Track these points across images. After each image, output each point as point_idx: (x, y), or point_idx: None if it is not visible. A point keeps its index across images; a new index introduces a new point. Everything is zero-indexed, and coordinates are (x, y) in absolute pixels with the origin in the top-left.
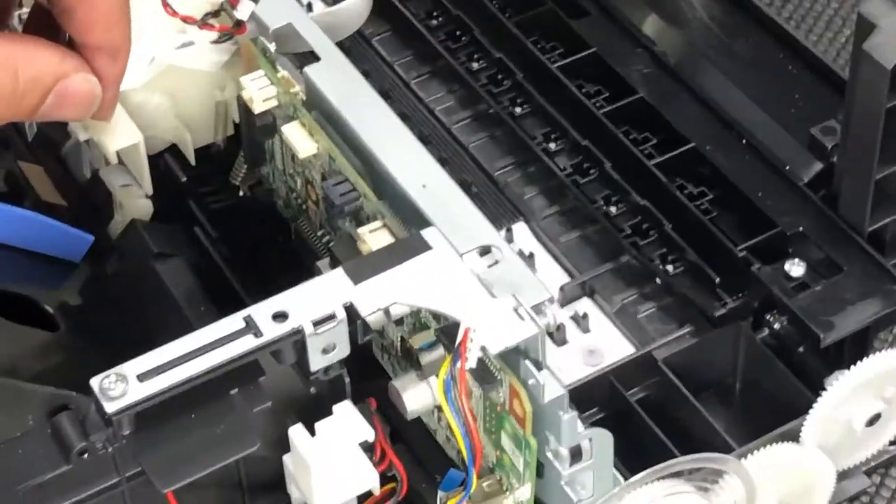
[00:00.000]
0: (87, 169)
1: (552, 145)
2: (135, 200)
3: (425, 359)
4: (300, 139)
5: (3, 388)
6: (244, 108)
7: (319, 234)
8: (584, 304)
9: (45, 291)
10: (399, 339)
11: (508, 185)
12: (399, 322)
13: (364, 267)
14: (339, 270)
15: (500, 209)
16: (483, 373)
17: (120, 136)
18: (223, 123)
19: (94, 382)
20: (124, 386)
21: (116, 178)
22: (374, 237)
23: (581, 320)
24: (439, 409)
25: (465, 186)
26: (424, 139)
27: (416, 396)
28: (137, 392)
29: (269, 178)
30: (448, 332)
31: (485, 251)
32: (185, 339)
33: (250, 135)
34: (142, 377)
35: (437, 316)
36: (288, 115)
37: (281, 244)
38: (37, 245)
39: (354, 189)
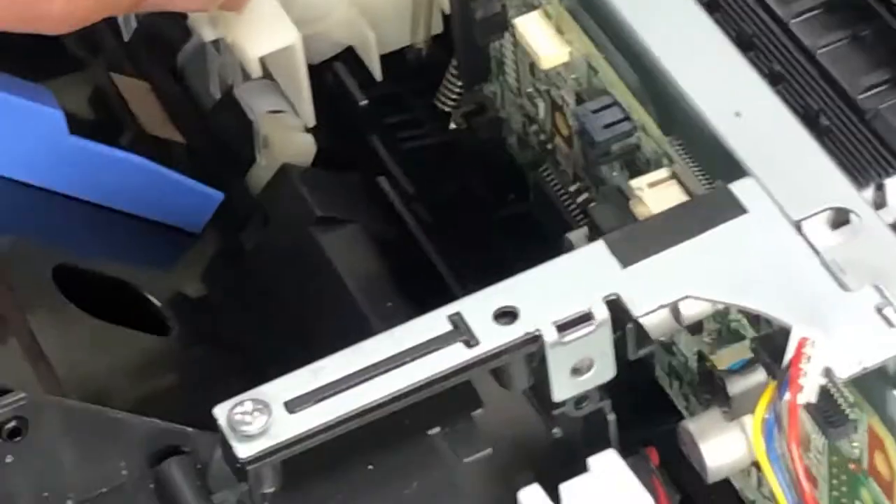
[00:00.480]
0: (215, 86)
1: None
2: (288, 135)
3: (736, 387)
4: (543, 39)
5: (87, 419)
6: None
7: (573, 189)
8: None
9: (152, 276)
10: (696, 355)
11: (880, 116)
12: (696, 329)
13: (639, 239)
14: (600, 245)
15: (863, 153)
16: (827, 410)
17: (266, 35)
18: (426, 17)
19: (221, 413)
20: (266, 419)
21: (260, 99)
22: (656, 193)
23: None
24: (757, 466)
25: (808, 116)
26: (744, 41)
27: (722, 447)
28: (286, 429)
29: (495, 102)
30: (771, 345)
31: (836, 219)
32: (361, 347)
33: (467, 33)
34: (293, 406)
35: (755, 319)
36: (524, 0)
37: (512, 204)
38: (139, 206)
39: (628, 118)
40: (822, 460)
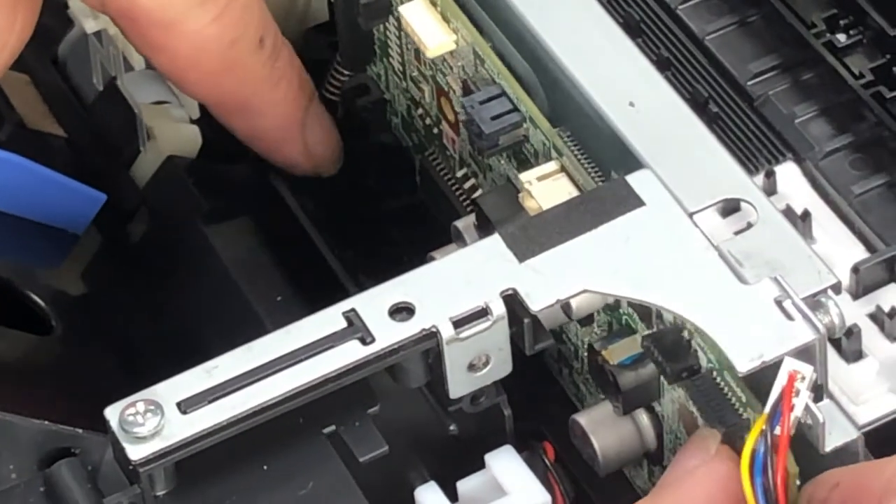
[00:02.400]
0: (97, 78)
1: (841, 36)
2: (173, 126)
3: (627, 382)
4: (429, 27)
5: None
6: None
7: (460, 174)
8: (893, 295)
9: (33, 273)
10: (586, 347)
11: (769, 102)
12: (587, 321)
13: (536, 233)
14: (496, 239)
15: (753, 140)
16: (721, 409)
17: None
18: (305, 4)
19: (112, 414)
20: (158, 420)
21: (144, 90)
22: (544, 187)
23: (887, 321)
24: (649, 457)
25: (697, 103)
26: (632, 27)
27: (614, 440)
28: (179, 429)
29: (379, 83)
30: (662, 343)
31: (730, 208)
32: (254, 345)
33: (351, 18)
34: (186, 406)
35: (646, 315)
36: None
37: (403, 195)
38: (20, 207)
39: (516, 109)
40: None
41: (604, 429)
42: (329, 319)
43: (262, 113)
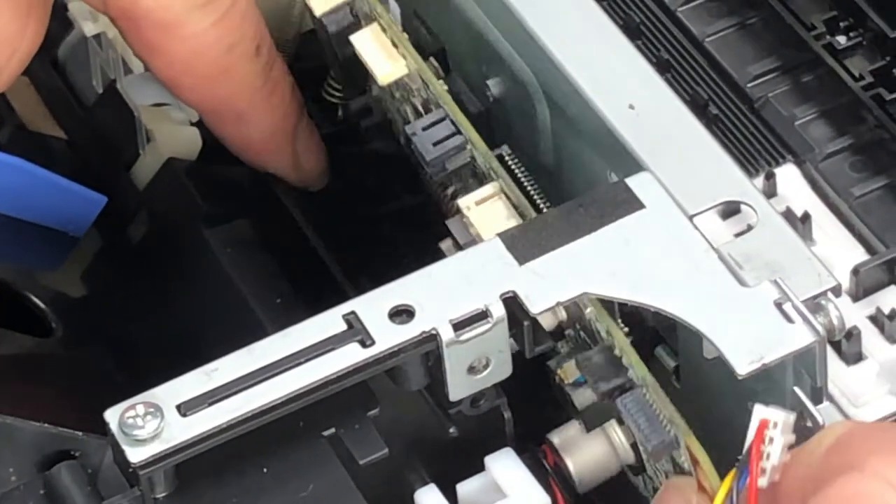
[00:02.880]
0: (97, 80)
1: (841, 38)
2: (173, 128)
3: (582, 400)
4: (377, 55)
5: None
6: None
7: (450, 192)
8: (892, 297)
9: (33, 275)
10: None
11: (769, 104)
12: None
13: (536, 236)
14: (496, 242)
15: (753, 142)
16: (649, 426)
17: None
18: (302, 8)
19: (112, 417)
20: (158, 422)
21: (144, 93)
22: (482, 211)
23: (887, 322)
24: (632, 469)
25: (697, 105)
26: (631, 29)
27: (587, 457)
28: (179, 432)
29: (382, 105)
30: (595, 360)
31: (730, 211)
32: (254, 347)
33: (331, 46)
34: (185, 409)
35: (590, 332)
36: (365, 12)
37: (402, 197)
38: (20, 210)
39: (458, 132)
40: (670, 467)
41: (576, 447)
42: (329, 322)
43: (255, 122)
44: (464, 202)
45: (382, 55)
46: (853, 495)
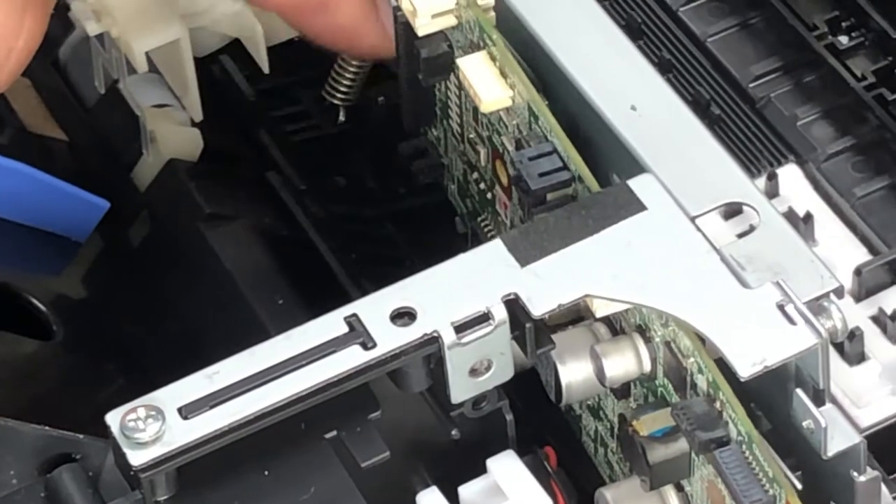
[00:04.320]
0: (99, 81)
1: (843, 38)
2: (175, 129)
3: (657, 455)
4: (486, 81)
5: None
6: (402, 25)
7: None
8: (895, 298)
9: (35, 280)
10: (618, 419)
11: (771, 104)
12: (622, 394)
13: (538, 238)
14: (497, 244)
15: (755, 142)
16: (740, 477)
17: (152, 29)
18: None
19: (113, 419)
20: (159, 425)
21: (146, 94)
22: None
23: (889, 323)
24: None
25: (699, 105)
26: (633, 30)
27: None
28: (180, 435)
29: (438, 148)
30: (691, 412)
31: (732, 212)
32: (256, 350)
33: (412, 73)
34: (186, 411)
35: (680, 385)
36: (471, 40)
37: (403, 198)
38: (22, 215)
39: (566, 167)
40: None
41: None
42: (330, 324)
43: (338, 6)
44: None
45: (491, 81)
46: None
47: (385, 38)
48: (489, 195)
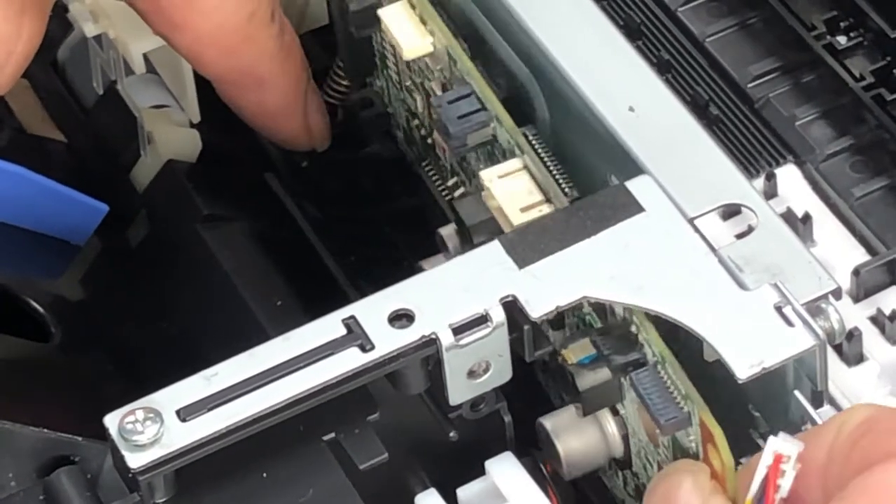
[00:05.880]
0: (97, 82)
1: (841, 38)
2: (173, 130)
3: (586, 382)
4: (406, 30)
5: None
6: None
7: (450, 183)
8: (893, 298)
9: (33, 282)
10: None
11: (769, 105)
12: (558, 325)
13: (536, 239)
14: (495, 245)
15: (753, 142)
16: (661, 402)
17: (149, 30)
18: (300, 9)
19: (112, 422)
20: (158, 427)
21: (144, 95)
22: (504, 184)
23: (888, 323)
24: (617, 463)
25: (697, 105)
26: (632, 30)
27: (577, 443)
28: (179, 437)
29: (382, 97)
30: (611, 336)
31: (730, 213)
32: (254, 352)
33: (345, 27)
34: (185, 414)
35: (601, 311)
36: None
37: (401, 199)
38: (21, 218)
39: (483, 108)
40: (668, 455)
41: (567, 433)
42: (329, 326)
43: (273, 87)
44: (486, 174)
45: (411, 30)
46: None
47: (305, 131)
48: (429, 140)
